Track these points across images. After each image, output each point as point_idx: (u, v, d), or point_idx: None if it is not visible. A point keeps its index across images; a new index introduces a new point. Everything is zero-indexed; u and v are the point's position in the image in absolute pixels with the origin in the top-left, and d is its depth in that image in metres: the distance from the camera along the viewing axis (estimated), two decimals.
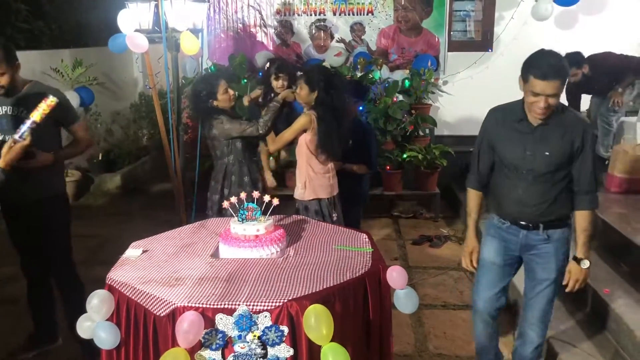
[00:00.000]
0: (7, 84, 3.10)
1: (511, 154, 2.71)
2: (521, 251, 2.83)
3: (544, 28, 5.95)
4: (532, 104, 2.55)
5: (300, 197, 3.66)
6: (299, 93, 3.60)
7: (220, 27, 6.62)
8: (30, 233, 3.35)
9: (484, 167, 2.89)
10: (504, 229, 2.84)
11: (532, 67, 2.53)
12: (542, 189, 2.68)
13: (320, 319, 2.14)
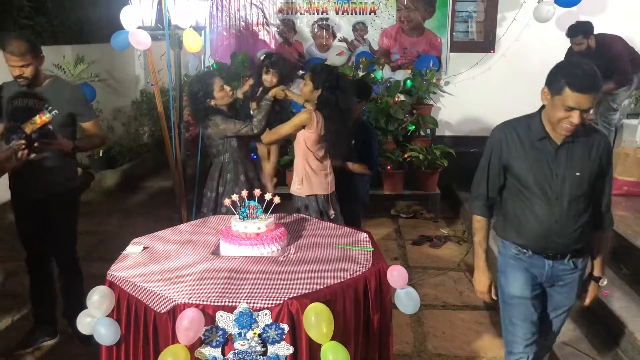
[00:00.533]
0: (30, 76, 3.17)
1: (535, 177, 2.39)
2: (546, 282, 2.56)
3: (546, 29, 5.95)
4: (562, 120, 2.24)
5: (297, 192, 3.68)
6: (302, 88, 3.61)
7: (223, 25, 6.62)
8: (46, 226, 3.42)
9: (494, 191, 2.57)
10: (526, 259, 2.53)
11: (567, 77, 2.21)
12: (573, 215, 2.38)
13: (321, 317, 2.14)
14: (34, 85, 3.23)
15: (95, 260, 4.66)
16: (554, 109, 2.27)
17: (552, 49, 6.10)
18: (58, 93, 3.29)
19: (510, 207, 2.53)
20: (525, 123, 2.46)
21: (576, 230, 2.40)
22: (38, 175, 3.24)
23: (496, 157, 2.51)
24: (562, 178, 2.36)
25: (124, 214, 6.19)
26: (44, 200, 3.34)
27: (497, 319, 3.86)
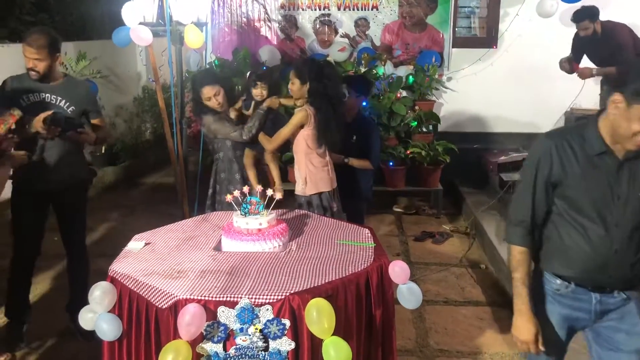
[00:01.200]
0: (42, 71, 3.22)
1: (592, 199, 2.03)
2: (593, 321, 2.16)
3: (549, 25, 5.92)
4: (638, 134, 1.89)
5: (302, 192, 3.65)
6: (291, 88, 3.60)
7: (224, 21, 6.61)
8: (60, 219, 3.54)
9: (540, 215, 2.15)
10: (568, 293, 2.14)
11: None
12: (636, 244, 2.04)
13: (322, 312, 2.14)
14: (49, 81, 3.27)
15: (97, 256, 4.66)
16: (628, 121, 1.89)
17: (555, 45, 6.12)
18: (74, 90, 3.39)
19: (554, 233, 2.14)
20: (577, 134, 2.07)
21: (637, 261, 2.05)
22: (54, 168, 3.32)
23: (543, 175, 2.10)
24: (625, 200, 2.01)
25: (125, 211, 6.20)
26: (57, 194, 3.41)
27: (499, 314, 3.88)
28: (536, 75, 6.42)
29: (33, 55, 3.15)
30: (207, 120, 3.66)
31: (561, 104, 6.09)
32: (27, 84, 3.24)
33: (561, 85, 6.30)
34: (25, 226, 3.44)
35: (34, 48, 3.13)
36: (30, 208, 3.39)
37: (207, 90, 3.61)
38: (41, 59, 3.17)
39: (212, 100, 3.62)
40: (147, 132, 8.30)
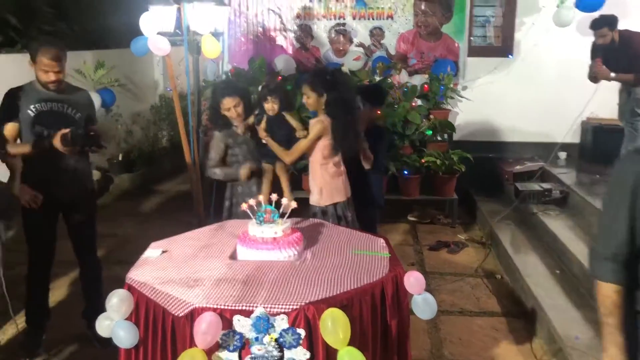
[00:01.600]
0: (61, 80, 3.31)
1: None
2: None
3: (566, 34, 5.90)
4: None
5: (317, 203, 3.66)
6: (307, 102, 3.59)
7: (241, 31, 6.66)
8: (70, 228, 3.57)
9: (635, 244, 1.84)
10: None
11: None
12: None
13: (338, 322, 2.15)
14: (58, 90, 3.32)
15: (114, 263, 4.71)
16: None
17: (572, 54, 6.09)
18: (77, 97, 3.45)
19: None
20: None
21: None
22: (62, 177, 3.36)
23: (635, 197, 1.81)
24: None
25: (141, 218, 6.25)
26: (65, 203, 3.44)
27: (514, 325, 3.86)
28: (552, 85, 6.40)
29: (54, 67, 3.19)
30: (214, 136, 3.75)
31: (577, 114, 6.05)
32: (32, 94, 3.27)
33: (577, 94, 6.25)
34: (37, 235, 3.46)
35: (55, 60, 3.19)
36: (40, 217, 3.40)
37: (228, 102, 3.64)
38: (60, 70, 3.24)
39: (232, 111, 3.65)
40: (163, 140, 8.38)
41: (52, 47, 3.21)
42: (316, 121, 3.55)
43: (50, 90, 3.28)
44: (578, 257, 4.12)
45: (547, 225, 4.84)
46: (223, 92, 3.68)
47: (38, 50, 3.18)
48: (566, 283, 4.10)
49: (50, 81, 3.23)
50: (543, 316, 3.68)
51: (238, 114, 3.67)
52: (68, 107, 3.34)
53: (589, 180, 5.43)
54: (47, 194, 3.34)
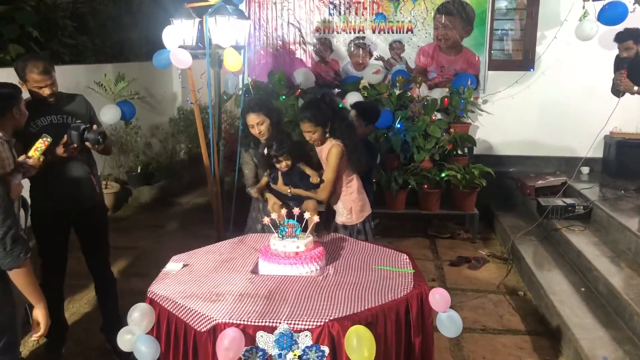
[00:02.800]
0: (56, 91, 3.27)
1: None
2: None
3: (588, 48, 5.83)
4: None
5: (350, 222, 3.65)
6: (313, 137, 3.49)
7: (260, 44, 6.68)
8: (81, 240, 3.56)
9: None
10: None
11: None
12: None
13: (362, 340, 2.10)
14: (54, 102, 3.29)
15: (133, 276, 4.72)
16: None
17: (594, 68, 6.02)
18: (73, 104, 3.41)
19: None
20: None
21: None
22: (69, 189, 3.33)
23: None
24: None
25: (160, 230, 6.25)
26: (75, 215, 3.41)
27: (539, 343, 3.77)
28: (574, 99, 6.32)
29: (47, 81, 3.17)
30: (247, 155, 3.74)
31: (600, 128, 5.96)
32: (30, 112, 3.15)
33: (600, 108, 6.15)
34: (49, 247, 3.44)
35: (46, 74, 3.16)
36: (50, 229, 3.40)
37: (252, 118, 3.58)
38: (53, 81, 3.21)
39: (255, 129, 3.58)
40: (181, 152, 8.41)
41: (38, 61, 3.16)
42: (331, 146, 3.49)
43: (46, 104, 3.24)
44: (604, 274, 4.03)
45: (570, 242, 4.75)
46: (249, 108, 3.63)
47: (25, 68, 3.14)
48: (592, 301, 4.01)
49: (47, 95, 3.20)
50: (569, 335, 3.59)
51: (260, 132, 3.58)
52: (68, 116, 3.32)
53: (613, 195, 5.32)
54: (55, 206, 3.33)
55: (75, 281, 4.22)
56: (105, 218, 3.69)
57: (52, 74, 3.20)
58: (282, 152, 3.45)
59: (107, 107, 4.47)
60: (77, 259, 3.63)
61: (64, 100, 3.37)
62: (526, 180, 6.05)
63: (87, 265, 3.61)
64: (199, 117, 4.44)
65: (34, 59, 3.22)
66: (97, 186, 3.58)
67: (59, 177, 3.29)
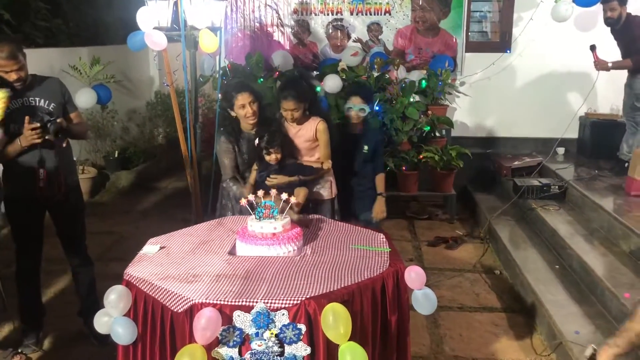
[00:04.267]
0: (25, 77, 3.18)
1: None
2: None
3: (564, 29, 5.87)
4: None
5: (330, 196, 3.72)
6: (295, 115, 3.47)
7: (237, 26, 6.62)
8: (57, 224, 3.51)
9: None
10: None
11: None
12: None
13: (339, 317, 2.12)
14: (25, 85, 3.21)
15: (112, 260, 4.70)
16: None
17: (570, 49, 6.08)
18: (47, 86, 3.33)
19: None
20: None
21: None
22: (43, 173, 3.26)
23: None
24: None
25: (139, 215, 6.22)
26: (50, 199, 3.35)
27: (514, 320, 3.85)
28: (550, 80, 6.40)
29: (13, 66, 3.07)
30: (222, 145, 3.58)
31: (576, 109, 6.04)
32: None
33: (576, 89, 6.26)
34: (23, 232, 3.41)
35: (12, 59, 3.06)
36: (23, 214, 3.35)
37: (244, 97, 3.42)
38: (21, 66, 3.11)
39: (247, 108, 3.42)
40: (159, 137, 8.34)
41: (4, 45, 3.05)
42: (317, 123, 3.55)
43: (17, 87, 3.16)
44: (577, 252, 4.12)
45: (546, 221, 4.83)
46: (238, 89, 3.47)
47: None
48: (565, 278, 4.09)
49: (14, 80, 3.12)
50: (543, 311, 3.67)
51: (254, 112, 3.46)
52: (40, 99, 3.25)
53: (588, 175, 5.41)
54: (29, 190, 3.26)
55: (52, 266, 4.19)
56: (80, 202, 3.64)
57: (18, 58, 3.09)
58: (274, 144, 3.35)
59: (82, 91, 4.41)
60: (53, 244, 3.61)
61: (37, 83, 3.29)
62: (503, 161, 6.13)
63: (63, 249, 3.59)
64: (175, 100, 4.40)
65: (2, 42, 3.10)
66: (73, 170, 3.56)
67: (32, 161, 3.24)
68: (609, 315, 3.53)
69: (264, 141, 3.36)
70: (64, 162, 3.39)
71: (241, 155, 3.61)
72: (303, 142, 3.59)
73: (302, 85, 3.55)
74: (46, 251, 3.54)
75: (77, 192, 3.60)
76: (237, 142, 3.60)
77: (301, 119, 3.54)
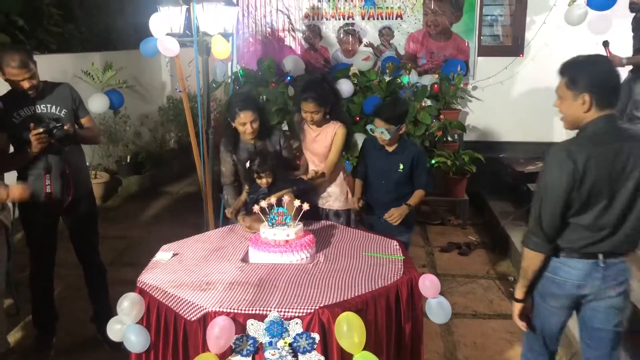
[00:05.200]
0: (38, 83, 3.20)
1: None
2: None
3: (577, 33, 5.83)
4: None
5: (344, 207, 3.66)
6: (314, 118, 3.45)
7: (249, 32, 6.63)
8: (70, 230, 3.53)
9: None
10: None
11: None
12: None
13: (353, 326, 2.11)
14: (37, 92, 3.23)
15: (123, 266, 4.71)
16: None
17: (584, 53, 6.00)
18: (58, 93, 3.35)
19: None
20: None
21: None
22: (57, 178, 3.30)
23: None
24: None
25: (150, 220, 6.23)
26: (64, 205, 3.37)
27: None
28: None
29: (25, 75, 3.09)
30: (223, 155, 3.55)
31: None
32: (13, 101, 3.20)
33: None
34: (37, 237, 3.42)
35: (24, 67, 3.08)
36: (38, 219, 3.37)
37: (246, 116, 3.30)
38: (32, 74, 3.13)
39: (247, 126, 3.32)
40: (171, 142, 8.37)
41: (15, 54, 3.07)
42: (337, 128, 3.51)
43: (28, 94, 3.19)
44: None
45: None
46: (243, 105, 3.34)
47: (2, 60, 3.06)
48: None
49: (27, 88, 3.14)
50: None
51: (254, 130, 3.35)
52: (51, 105, 3.27)
53: None
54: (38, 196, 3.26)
55: (65, 271, 4.20)
56: (93, 207, 3.66)
57: (29, 67, 3.11)
58: (265, 169, 3.25)
59: (95, 96, 4.43)
60: (67, 249, 3.62)
61: (48, 89, 3.31)
62: (516, 165, 6.07)
63: (76, 255, 3.60)
64: (188, 105, 4.41)
65: (11, 51, 3.13)
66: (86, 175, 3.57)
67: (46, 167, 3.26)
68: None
69: (255, 165, 3.27)
70: (74, 167, 3.39)
71: (241, 163, 3.51)
72: (322, 147, 3.55)
73: (324, 88, 3.50)
74: (59, 256, 3.56)
75: (90, 197, 3.63)
76: (236, 151, 3.53)
77: (321, 122, 3.52)
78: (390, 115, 3.39)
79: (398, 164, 3.51)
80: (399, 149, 3.53)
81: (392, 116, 3.38)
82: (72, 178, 3.35)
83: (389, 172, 3.55)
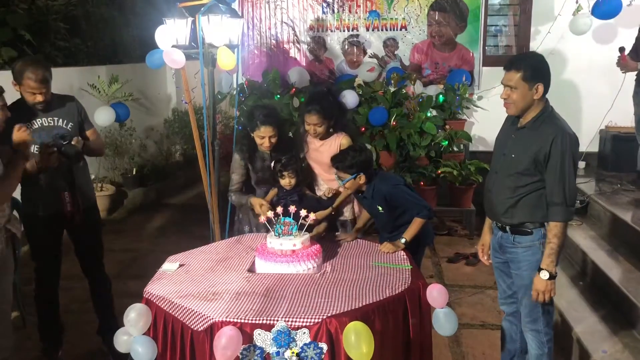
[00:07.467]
0: (49, 98, 3.23)
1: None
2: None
3: (582, 42, 5.84)
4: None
5: (351, 216, 3.65)
6: (318, 130, 3.44)
7: (254, 43, 6.66)
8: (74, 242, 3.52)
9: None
10: None
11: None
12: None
13: (361, 336, 2.09)
14: (45, 106, 3.25)
15: (130, 278, 4.70)
16: None
17: (588, 62, 6.01)
18: (64, 106, 3.37)
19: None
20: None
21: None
22: (61, 192, 3.30)
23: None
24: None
25: (156, 232, 6.23)
26: (68, 217, 3.37)
27: None
28: (569, 94, 6.32)
29: (42, 89, 3.12)
30: (236, 162, 3.59)
31: (595, 122, 5.96)
32: (21, 113, 3.17)
33: (595, 103, 6.18)
34: (42, 250, 3.42)
35: (42, 83, 3.11)
36: (43, 233, 3.36)
37: (267, 130, 3.33)
38: (47, 90, 3.17)
39: (265, 140, 3.35)
40: (176, 154, 8.39)
41: (38, 69, 3.10)
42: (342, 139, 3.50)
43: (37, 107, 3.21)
44: (601, 268, 4.03)
45: (567, 236, 4.74)
46: (263, 120, 3.35)
47: (23, 72, 3.09)
48: (589, 294, 4.00)
49: (38, 102, 3.16)
50: (567, 329, 3.59)
51: (271, 144, 3.39)
52: (59, 119, 3.29)
53: (609, 189, 5.32)
54: (53, 212, 3.30)
55: (71, 284, 4.19)
56: (98, 220, 3.66)
57: (49, 83, 3.16)
58: (289, 168, 3.28)
59: (101, 109, 4.46)
60: (72, 262, 3.61)
61: (56, 103, 3.32)
62: None
63: (81, 267, 3.59)
64: (194, 117, 4.41)
65: (34, 65, 3.14)
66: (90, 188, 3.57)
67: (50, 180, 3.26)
68: (636, 333, 3.44)
69: (279, 164, 3.30)
70: (81, 180, 3.41)
71: (255, 172, 3.56)
72: (326, 157, 3.52)
73: (328, 101, 3.49)
74: (65, 269, 3.55)
75: (95, 210, 3.62)
76: (252, 159, 3.56)
77: (324, 135, 3.50)
78: (339, 165, 3.20)
79: (376, 207, 3.28)
80: (367, 194, 3.29)
81: (342, 166, 3.18)
82: (77, 191, 3.36)
83: (373, 213, 3.37)
